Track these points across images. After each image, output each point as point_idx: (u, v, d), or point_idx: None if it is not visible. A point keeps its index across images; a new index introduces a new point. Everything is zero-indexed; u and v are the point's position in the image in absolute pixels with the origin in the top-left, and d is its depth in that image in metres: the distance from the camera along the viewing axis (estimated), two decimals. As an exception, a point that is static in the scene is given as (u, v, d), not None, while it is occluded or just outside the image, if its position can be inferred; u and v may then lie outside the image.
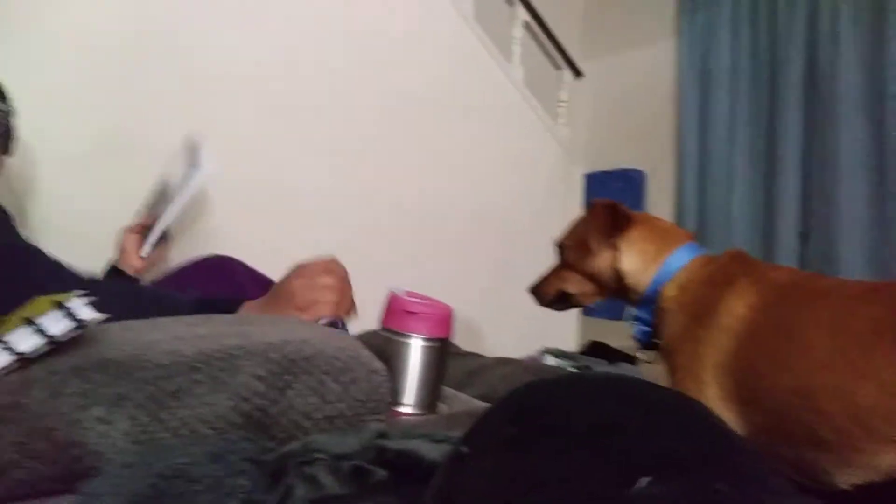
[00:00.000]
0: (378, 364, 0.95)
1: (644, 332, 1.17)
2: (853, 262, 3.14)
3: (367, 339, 1.24)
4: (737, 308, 0.94)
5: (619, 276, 1.18)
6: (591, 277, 1.25)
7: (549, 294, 1.38)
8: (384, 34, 2.72)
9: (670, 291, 1.09)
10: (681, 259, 1.11)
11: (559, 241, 1.36)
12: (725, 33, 3.76)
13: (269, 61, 2.40)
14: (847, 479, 0.80)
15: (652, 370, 1.16)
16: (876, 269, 3.09)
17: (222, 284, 1.60)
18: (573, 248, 1.29)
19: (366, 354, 0.95)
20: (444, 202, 2.95)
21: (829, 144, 3.25)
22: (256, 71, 2.37)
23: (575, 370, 2.66)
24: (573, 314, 3.47)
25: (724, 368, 0.92)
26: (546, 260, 1.53)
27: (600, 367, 2.75)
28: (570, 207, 3.66)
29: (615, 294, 1.26)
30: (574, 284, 1.30)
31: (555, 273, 1.36)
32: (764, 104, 3.58)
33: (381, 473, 0.77)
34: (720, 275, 1.02)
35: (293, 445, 0.83)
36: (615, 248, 1.18)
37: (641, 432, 0.48)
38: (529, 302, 1.57)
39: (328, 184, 2.56)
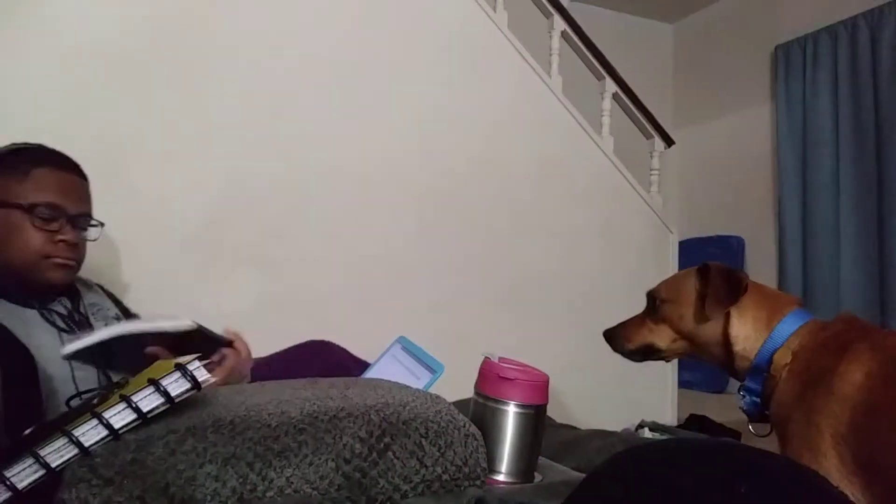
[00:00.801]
0: (474, 429, 0.96)
1: (754, 403, 1.12)
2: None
3: (463, 405, 1.25)
4: (854, 376, 0.89)
5: (726, 343, 1.15)
6: (688, 337, 1.22)
7: (633, 343, 1.34)
8: (481, 114, 2.83)
9: (782, 359, 1.05)
10: (792, 325, 1.07)
11: (654, 292, 1.33)
12: (825, 96, 3.66)
13: (370, 147, 2.54)
14: None
15: (762, 444, 1.10)
16: None
17: (323, 367, 1.65)
18: (674, 304, 1.26)
19: (462, 419, 0.96)
20: (539, 271, 2.97)
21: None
22: (353, 156, 2.52)
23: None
24: (668, 386, 3.33)
25: (842, 438, 0.87)
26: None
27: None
28: (664, 275, 3.57)
29: (713, 358, 1.21)
30: (665, 339, 1.27)
31: (642, 323, 1.33)
32: (869, 170, 3.43)
33: (479, 539, 0.77)
34: (835, 341, 0.98)
35: (393, 508, 0.84)
36: (728, 313, 1.15)
37: (748, 498, 0.47)
38: (623, 374, 1.53)
39: (425, 252, 2.64)
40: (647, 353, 1.35)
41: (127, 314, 1.61)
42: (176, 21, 2.27)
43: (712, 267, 1.22)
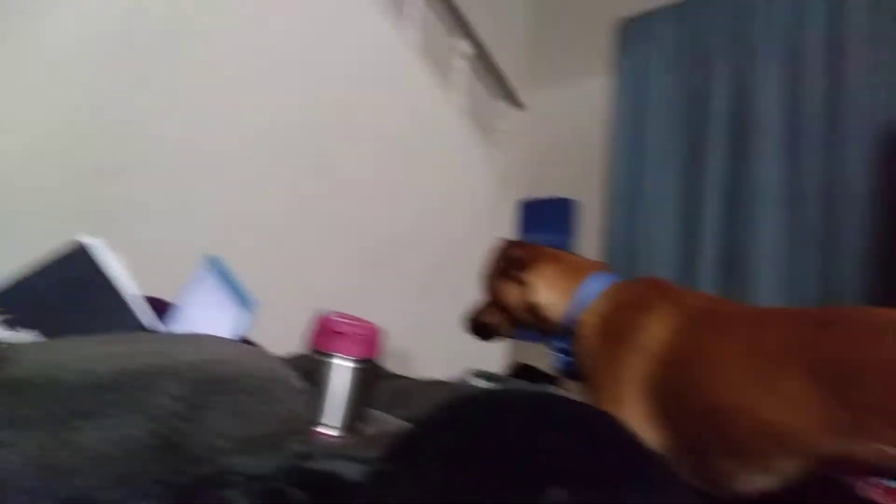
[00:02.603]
0: (300, 383, 0.93)
1: (567, 363, 1.19)
2: (768, 290, 3.29)
3: (295, 360, 1.22)
4: (656, 331, 0.97)
5: (533, 309, 1.23)
6: (507, 310, 1.31)
7: (474, 324, 1.44)
8: (334, 65, 2.72)
9: (588, 318, 1.12)
10: (595, 287, 1.15)
11: (481, 274, 1.41)
12: (658, 72, 3.92)
13: (217, 86, 2.36)
14: (756, 485, 0.84)
15: (576, 397, 1.18)
16: (790, 297, 3.25)
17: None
18: (487, 282, 1.36)
19: (288, 374, 0.93)
20: (377, 225, 2.95)
21: (750, 181, 3.42)
22: (208, 93, 2.33)
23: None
24: (505, 340, 3.50)
25: (645, 389, 0.95)
26: (474, 283, 1.55)
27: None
28: (501, 233, 3.71)
29: (534, 326, 1.30)
30: (493, 316, 1.36)
31: (480, 305, 1.42)
32: (691, 141, 3.74)
33: (299, 495, 0.75)
34: (639, 300, 1.06)
35: (207, 468, 0.80)
36: (525, 282, 1.23)
37: (556, 446, 0.49)
38: (458, 325, 1.59)
39: (275, 208, 2.53)
40: (486, 332, 1.44)
41: None
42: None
43: (500, 245, 1.30)
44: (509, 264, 1.26)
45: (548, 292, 1.20)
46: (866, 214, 3.04)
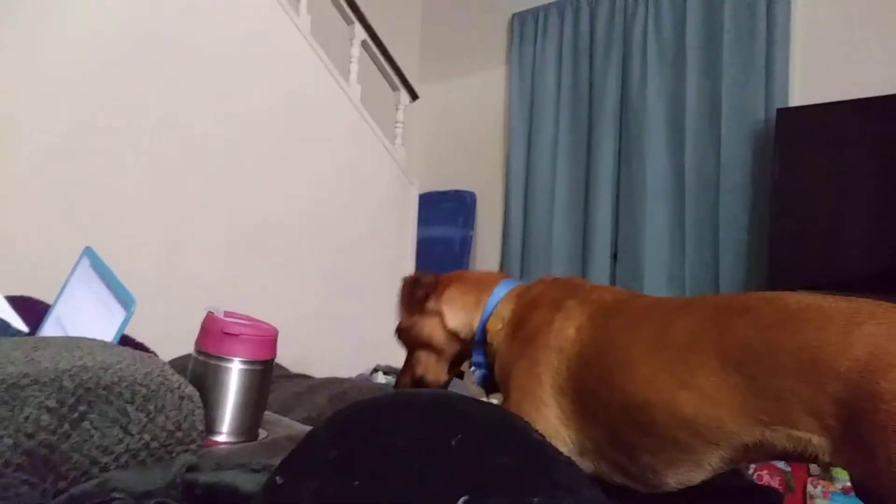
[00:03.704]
0: (190, 390, 0.88)
1: (484, 376, 1.18)
2: (656, 279, 3.46)
3: (182, 363, 1.15)
4: (567, 331, 0.97)
5: (454, 336, 1.20)
6: (433, 349, 1.24)
7: (407, 383, 1.31)
8: (221, 46, 2.59)
9: (495, 325, 1.12)
10: (498, 296, 1.15)
11: (396, 329, 1.31)
12: (550, 66, 4.02)
13: (96, 68, 2.19)
14: (676, 478, 0.85)
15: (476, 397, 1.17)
16: (675, 286, 3.42)
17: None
18: (404, 331, 1.27)
19: (176, 380, 0.87)
20: (276, 219, 2.85)
21: (637, 171, 3.57)
22: (76, 73, 2.16)
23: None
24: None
25: (560, 389, 0.94)
26: (378, 279, 1.52)
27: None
28: (405, 226, 3.70)
29: (461, 358, 1.24)
30: (422, 366, 1.26)
31: (407, 361, 1.31)
32: (582, 133, 3.86)
33: (189, 510, 0.71)
34: (545, 298, 1.06)
35: (87, 485, 0.74)
36: (438, 313, 1.20)
37: (458, 450, 0.47)
38: (364, 320, 1.55)
39: (150, 195, 2.38)
40: (421, 383, 1.30)
41: None
42: None
43: (403, 281, 1.27)
44: (418, 299, 1.21)
45: (460, 313, 1.18)
46: (743, 205, 3.25)
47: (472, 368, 1.20)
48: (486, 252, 4.33)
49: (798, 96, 3.20)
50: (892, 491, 0.65)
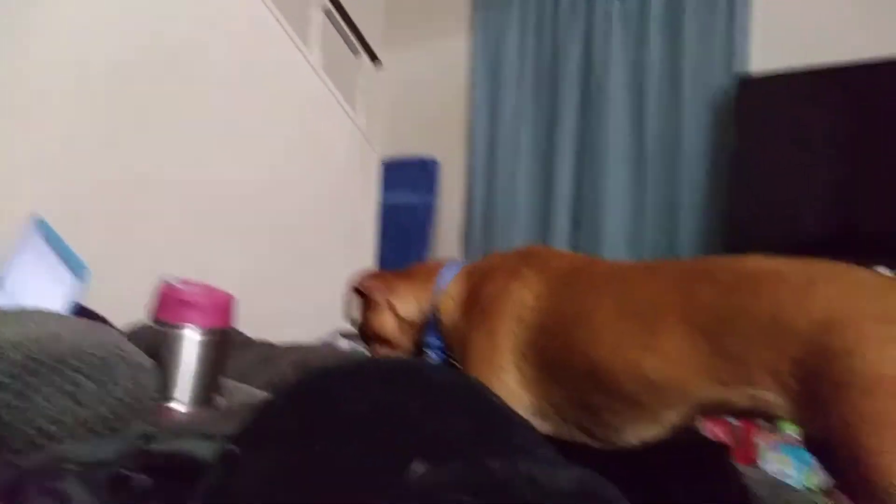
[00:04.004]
0: (144, 359, 0.86)
1: (441, 358, 1.19)
2: (616, 245, 3.51)
3: (137, 332, 1.13)
4: (525, 297, 0.97)
5: (407, 325, 1.20)
6: (389, 341, 1.25)
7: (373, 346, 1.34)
8: (173, 9, 2.49)
9: (446, 305, 1.13)
10: (447, 275, 1.16)
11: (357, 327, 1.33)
12: (514, 32, 3.98)
13: (47, 42, 2.09)
14: (636, 436, 0.87)
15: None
16: (635, 251, 3.48)
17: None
18: (360, 329, 1.29)
19: (129, 349, 0.86)
20: (235, 186, 2.79)
21: (599, 138, 3.59)
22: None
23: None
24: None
25: (520, 354, 0.95)
26: (340, 247, 1.50)
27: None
28: (366, 193, 3.66)
29: (419, 342, 1.25)
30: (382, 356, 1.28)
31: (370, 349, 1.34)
32: (545, 100, 3.85)
33: (145, 480, 0.69)
34: (500, 269, 1.06)
35: (38, 457, 0.72)
36: (388, 305, 1.21)
37: (417, 416, 0.47)
38: (327, 286, 1.53)
39: (99, 162, 2.30)
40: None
41: None
42: None
43: (351, 286, 1.27)
44: (368, 296, 1.22)
45: (411, 301, 1.19)
46: (704, 170, 3.30)
47: (429, 352, 1.21)
48: (450, 219, 4.32)
49: (759, 63, 3.23)
50: (844, 446, 0.67)
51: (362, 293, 1.25)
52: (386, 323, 1.21)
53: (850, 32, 2.98)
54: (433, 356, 1.19)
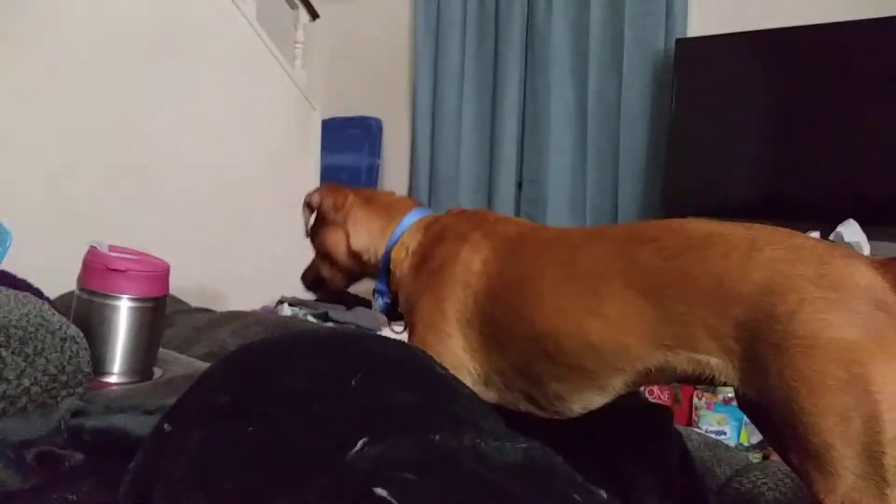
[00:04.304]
0: (73, 330, 0.82)
1: (386, 304, 1.17)
2: (559, 207, 3.54)
3: (67, 301, 1.08)
4: (472, 263, 0.97)
5: (356, 256, 1.18)
6: (332, 262, 1.23)
7: (308, 279, 1.32)
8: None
9: (399, 254, 1.11)
10: (406, 224, 1.14)
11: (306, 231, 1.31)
12: (456, -8, 3.90)
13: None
14: (581, 404, 0.88)
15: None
16: (577, 213, 3.52)
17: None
18: (311, 236, 1.26)
19: (57, 320, 0.81)
20: (164, 147, 2.67)
21: (542, 99, 3.58)
22: None
23: (313, 318, 2.63)
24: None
25: (467, 322, 0.95)
26: (282, 208, 1.45)
27: (338, 312, 2.75)
28: (307, 153, 3.57)
29: (362, 274, 1.24)
30: (325, 269, 1.27)
31: (313, 260, 1.31)
32: (488, 60, 3.81)
33: (76, 458, 0.67)
34: (451, 231, 1.05)
35: (-42, 437, 0.68)
36: (344, 230, 1.18)
37: (360, 390, 0.46)
38: (268, 252, 1.49)
39: (24, 123, 2.17)
40: (321, 286, 1.33)
41: None
42: None
43: (311, 195, 1.24)
44: (324, 212, 1.18)
45: (365, 236, 1.16)
46: (643, 134, 3.34)
47: (376, 296, 1.19)
48: (394, 180, 4.27)
49: (697, 27, 3.27)
50: (782, 406, 0.69)
51: (323, 208, 1.21)
52: (337, 246, 1.19)
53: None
54: (379, 302, 1.18)
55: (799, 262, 0.71)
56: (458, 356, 0.94)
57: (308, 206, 1.23)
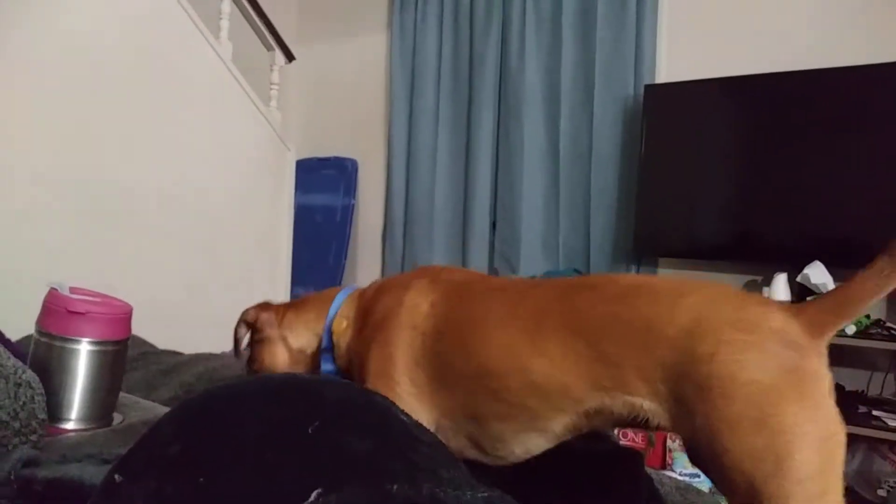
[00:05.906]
0: (28, 375, 0.80)
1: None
2: (532, 246, 3.57)
3: (23, 345, 1.05)
4: (419, 306, 0.98)
5: (299, 354, 1.18)
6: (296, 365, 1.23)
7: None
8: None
9: (340, 325, 1.12)
10: (339, 301, 1.15)
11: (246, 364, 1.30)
12: (432, 32, 3.98)
13: None
14: (523, 447, 0.89)
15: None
16: (549, 253, 3.55)
17: None
18: (252, 361, 1.25)
19: (11, 365, 0.79)
20: (135, 185, 2.65)
21: (515, 140, 3.64)
22: None
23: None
24: (281, 294, 3.40)
25: (416, 364, 0.95)
26: (254, 249, 1.45)
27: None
28: (280, 193, 3.57)
29: (304, 370, 1.24)
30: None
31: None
32: (463, 101, 3.87)
33: (24, 509, 0.65)
34: (391, 285, 1.06)
35: None
36: (281, 338, 1.18)
37: (316, 438, 0.45)
38: (238, 291, 1.48)
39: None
40: None
41: None
42: None
43: (240, 320, 1.24)
44: (261, 328, 1.19)
45: (303, 331, 1.17)
46: (614, 176, 3.39)
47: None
48: (368, 221, 4.28)
49: (665, 73, 3.36)
50: (707, 447, 0.71)
51: (252, 326, 1.21)
52: (277, 356, 1.19)
53: (751, 45, 3.14)
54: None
55: (719, 307, 0.76)
56: (406, 401, 0.94)
57: (245, 323, 1.22)
